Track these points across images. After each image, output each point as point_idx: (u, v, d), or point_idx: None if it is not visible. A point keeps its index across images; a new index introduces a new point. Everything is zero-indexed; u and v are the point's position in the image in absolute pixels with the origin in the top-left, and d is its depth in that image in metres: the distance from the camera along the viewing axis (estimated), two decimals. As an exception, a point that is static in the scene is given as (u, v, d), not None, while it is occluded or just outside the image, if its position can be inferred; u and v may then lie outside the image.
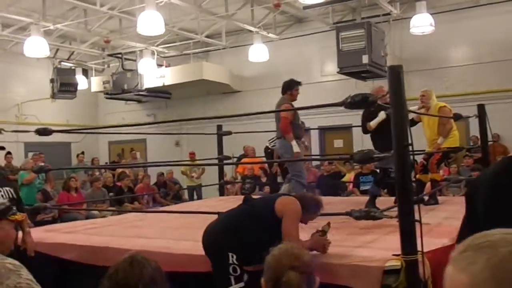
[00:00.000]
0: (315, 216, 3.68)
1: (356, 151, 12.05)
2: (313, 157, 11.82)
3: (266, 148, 7.55)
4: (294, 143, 5.85)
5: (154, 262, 1.82)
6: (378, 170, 6.89)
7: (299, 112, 6.44)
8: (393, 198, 6.99)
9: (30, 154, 12.31)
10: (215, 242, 3.47)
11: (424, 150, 6.67)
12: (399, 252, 3.27)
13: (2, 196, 3.60)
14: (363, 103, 3.46)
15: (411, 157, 5.11)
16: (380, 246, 3.78)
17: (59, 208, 8.35)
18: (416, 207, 3.23)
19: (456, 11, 11.55)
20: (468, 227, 1.99)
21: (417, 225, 3.22)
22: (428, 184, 6.89)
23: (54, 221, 8.07)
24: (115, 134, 14.96)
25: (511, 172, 1.78)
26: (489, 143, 6.93)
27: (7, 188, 3.76)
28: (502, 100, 10.69)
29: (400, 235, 3.19)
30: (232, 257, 3.32)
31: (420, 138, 6.32)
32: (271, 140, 7.55)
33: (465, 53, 12.03)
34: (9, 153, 11.89)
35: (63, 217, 8.46)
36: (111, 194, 9.79)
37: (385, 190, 9.55)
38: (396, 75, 3.19)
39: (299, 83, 6.17)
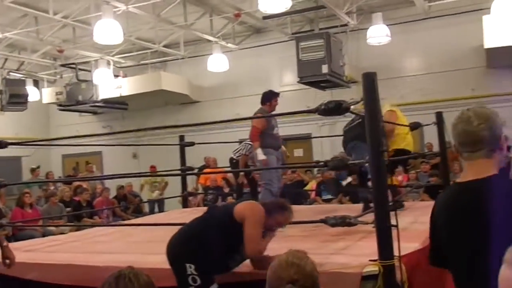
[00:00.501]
0: (284, 219, 3.54)
1: (315, 159, 12.16)
2: (284, 165, 11.77)
3: (231, 159, 7.47)
4: (259, 151, 5.90)
5: (146, 277, 1.73)
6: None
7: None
8: (356, 206, 7.08)
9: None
10: (173, 253, 3.43)
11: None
12: (374, 258, 3.27)
13: None
14: (336, 110, 3.46)
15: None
16: (354, 253, 3.78)
17: (13, 225, 7.95)
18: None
19: (410, 22, 11.91)
20: (433, 247, 2.07)
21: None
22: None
23: (7, 239, 7.65)
24: (69, 147, 14.52)
25: (461, 198, 1.91)
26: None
27: None
28: (453, 108, 10.93)
29: (377, 241, 3.18)
30: (190, 267, 3.27)
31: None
32: (236, 151, 7.49)
33: (418, 63, 12.43)
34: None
35: (17, 235, 8.03)
36: (68, 209, 9.45)
37: (347, 197, 9.73)
38: (370, 82, 3.21)
39: (277, 94, 6.31)
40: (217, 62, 12.62)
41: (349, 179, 10.20)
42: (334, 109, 3.48)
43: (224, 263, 3.42)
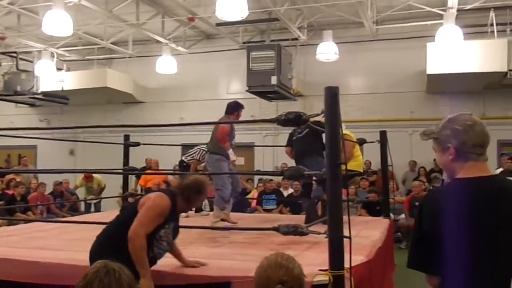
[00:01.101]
0: (202, 200, 3.62)
1: (257, 169, 12.20)
2: (242, 172, 11.75)
3: (182, 162, 7.42)
4: (231, 151, 6.04)
5: (128, 270, 1.70)
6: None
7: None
8: (296, 216, 7.21)
9: None
10: (93, 260, 3.34)
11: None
12: (322, 267, 3.36)
13: None
14: (296, 121, 3.54)
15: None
16: (303, 262, 3.74)
17: None
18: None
19: (357, 43, 12.32)
20: (423, 248, 2.04)
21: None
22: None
23: None
24: (0, 139, 13.81)
25: (486, 190, 1.93)
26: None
27: None
28: (393, 128, 11.46)
29: (329, 251, 3.27)
30: None
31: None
32: (189, 154, 7.45)
33: (363, 82, 12.84)
34: None
35: None
36: (0, 202, 8.99)
37: (288, 208, 9.87)
38: (333, 95, 3.31)
39: (243, 106, 6.43)
40: (166, 64, 12.52)
41: (290, 190, 10.36)
42: (294, 120, 3.56)
43: (148, 256, 3.35)
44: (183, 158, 7.49)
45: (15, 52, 13.02)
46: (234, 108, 6.33)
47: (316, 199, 6.42)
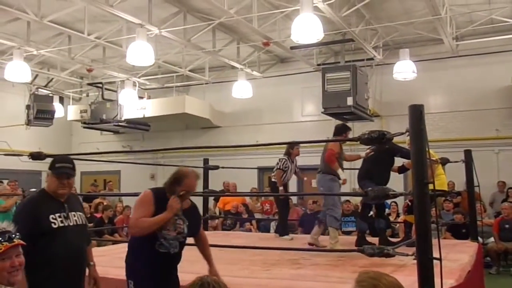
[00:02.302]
0: (178, 189, 3.54)
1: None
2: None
3: (270, 180, 7.66)
4: (340, 171, 6.11)
5: (224, 285, 1.75)
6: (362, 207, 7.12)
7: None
8: (377, 239, 7.04)
9: (5, 181, 11.86)
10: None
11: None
12: (411, 291, 3.25)
13: (76, 221, 3.32)
14: (380, 140, 3.49)
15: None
16: (390, 285, 3.73)
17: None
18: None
19: (436, 60, 11.96)
20: None
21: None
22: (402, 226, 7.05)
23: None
24: (88, 165, 14.59)
25: None
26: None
27: (80, 213, 3.45)
28: (476, 147, 10.89)
29: (418, 274, 3.17)
30: (130, 283, 3.41)
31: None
32: (273, 172, 7.66)
33: (443, 100, 12.38)
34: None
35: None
36: (90, 224, 9.46)
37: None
38: (417, 113, 3.25)
39: (350, 128, 6.73)
40: (241, 88, 12.75)
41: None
42: (378, 139, 3.51)
43: (157, 258, 3.42)
44: (272, 179, 7.70)
45: (100, 83, 13.82)
46: (341, 129, 6.50)
47: (360, 232, 6.43)
